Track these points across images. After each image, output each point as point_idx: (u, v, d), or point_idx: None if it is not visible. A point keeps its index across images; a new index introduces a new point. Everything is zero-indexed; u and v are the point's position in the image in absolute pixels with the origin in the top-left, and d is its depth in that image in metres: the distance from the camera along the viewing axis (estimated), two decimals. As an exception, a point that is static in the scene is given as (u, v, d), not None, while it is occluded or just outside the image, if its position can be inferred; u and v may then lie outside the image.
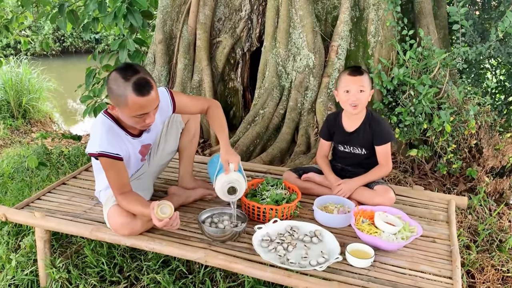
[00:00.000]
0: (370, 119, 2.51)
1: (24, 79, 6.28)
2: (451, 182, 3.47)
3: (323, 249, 2.00)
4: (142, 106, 1.92)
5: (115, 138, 2.06)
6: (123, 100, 1.91)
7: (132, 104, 1.90)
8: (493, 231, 2.81)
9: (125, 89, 1.89)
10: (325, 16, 3.97)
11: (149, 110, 1.97)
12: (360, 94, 2.41)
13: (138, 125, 2.04)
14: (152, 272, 2.33)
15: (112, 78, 1.94)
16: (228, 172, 2.16)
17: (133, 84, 1.89)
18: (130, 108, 1.92)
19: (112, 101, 1.98)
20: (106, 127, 2.05)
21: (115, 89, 1.92)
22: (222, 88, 4.43)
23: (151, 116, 2.00)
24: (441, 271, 1.92)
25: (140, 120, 1.99)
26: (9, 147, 5.05)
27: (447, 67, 3.47)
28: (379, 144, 2.48)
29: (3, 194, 3.30)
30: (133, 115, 1.95)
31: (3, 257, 2.46)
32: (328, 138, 2.68)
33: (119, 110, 1.97)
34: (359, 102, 2.43)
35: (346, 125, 2.57)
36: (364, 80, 2.42)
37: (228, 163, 2.17)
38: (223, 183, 2.16)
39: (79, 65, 10.72)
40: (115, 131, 2.09)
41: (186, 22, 4.22)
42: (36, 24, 11.12)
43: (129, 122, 2.03)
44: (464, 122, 3.34)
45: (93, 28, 4.23)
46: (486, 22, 4.25)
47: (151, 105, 1.96)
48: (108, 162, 2.01)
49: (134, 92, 1.89)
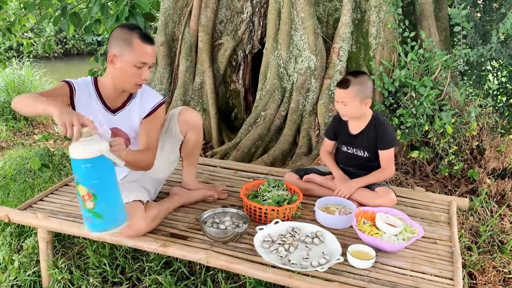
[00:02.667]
0: (375, 123, 2.51)
1: (27, 81, 6.29)
2: (453, 184, 3.47)
3: (324, 250, 2.00)
4: (145, 53, 2.02)
5: (84, 87, 2.14)
6: (129, 46, 2.00)
7: (137, 49, 2.00)
8: (494, 232, 2.81)
9: (131, 36, 2.01)
10: (327, 18, 3.98)
11: (149, 61, 2.06)
12: (344, 106, 2.43)
13: (134, 80, 2.07)
14: (154, 273, 2.33)
15: (116, 30, 2.05)
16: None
17: (138, 33, 2.02)
18: (134, 54, 2.00)
19: (115, 50, 2.02)
20: (84, 79, 2.17)
21: (120, 36, 2.01)
22: (223, 90, 4.44)
23: (147, 71, 2.08)
24: (442, 272, 1.92)
25: (138, 73, 2.05)
26: (11, 149, 5.06)
27: (448, 69, 3.47)
28: (383, 149, 2.48)
29: (5, 196, 3.31)
30: (135, 62, 2.01)
31: (6, 258, 2.47)
32: (333, 138, 2.70)
33: (121, 60, 2.02)
34: (344, 113, 2.47)
35: (351, 127, 2.58)
36: (346, 94, 2.39)
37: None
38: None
39: (81, 67, 10.74)
40: (88, 87, 2.15)
41: (188, 24, 4.24)
42: (38, 26, 11.15)
43: (126, 77, 2.06)
44: (465, 124, 3.35)
45: (95, 30, 4.25)
46: (488, 24, 4.25)
47: (152, 56, 2.06)
48: (60, 84, 2.12)
49: (139, 38, 2.01)
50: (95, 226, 1.74)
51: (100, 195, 1.68)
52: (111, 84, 2.13)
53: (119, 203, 1.78)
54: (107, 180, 1.71)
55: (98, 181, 1.67)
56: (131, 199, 2.13)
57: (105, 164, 1.68)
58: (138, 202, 2.14)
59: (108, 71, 2.11)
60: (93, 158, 1.63)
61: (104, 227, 1.74)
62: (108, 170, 1.70)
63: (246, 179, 2.87)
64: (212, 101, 4.17)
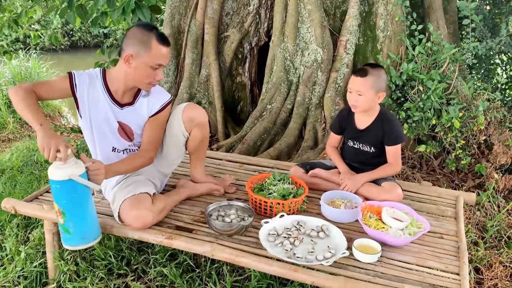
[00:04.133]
0: (382, 118, 2.48)
1: (33, 73, 6.31)
2: (460, 178, 3.45)
3: (329, 244, 2.00)
4: (162, 55, 2.05)
5: (90, 79, 2.14)
6: (146, 47, 2.01)
7: (155, 51, 2.02)
8: (501, 227, 2.80)
9: (149, 37, 2.01)
10: (334, 10, 3.95)
11: (165, 62, 2.09)
12: (358, 97, 2.38)
13: (148, 80, 2.09)
14: (159, 265, 2.34)
15: (133, 30, 2.05)
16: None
17: (156, 34, 2.03)
18: (151, 55, 2.02)
19: (131, 50, 2.02)
20: (91, 71, 2.17)
21: (138, 37, 2.02)
22: (229, 83, 4.43)
23: (161, 72, 2.11)
24: (449, 267, 1.91)
25: (153, 73, 2.07)
26: (18, 141, 5.09)
27: (456, 62, 3.44)
28: (389, 145, 2.46)
29: (12, 187, 3.33)
30: (151, 64, 2.03)
31: (13, 249, 2.49)
32: (339, 132, 2.67)
33: (137, 59, 2.03)
34: (358, 105, 2.41)
35: (358, 122, 2.55)
36: (363, 83, 2.35)
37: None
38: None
39: (87, 59, 10.75)
40: (95, 80, 2.15)
41: (194, 17, 4.22)
42: (45, 19, 11.17)
43: (140, 76, 2.07)
44: (473, 118, 3.32)
45: (101, 22, 4.25)
46: (497, 17, 4.20)
47: (167, 58, 2.10)
48: (63, 76, 2.12)
49: (157, 40, 2.03)
50: (65, 240, 1.96)
51: (68, 214, 1.87)
52: (123, 80, 2.12)
53: (87, 222, 1.95)
54: (75, 201, 1.86)
55: (66, 201, 1.85)
56: (138, 192, 2.13)
57: (74, 187, 1.83)
58: (146, 194, 2.15)
59: (121, 68, 2.09)
60: (62, 181, 1.79)
61: (72, 242, 1.95)
62: (77, 192, 1.85)
63: (252, 172, 2.87)
64: (218, 94, 4.16)
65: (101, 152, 2.27)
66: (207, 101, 4.23)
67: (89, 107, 2.16)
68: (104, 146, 2.25)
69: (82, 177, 1.84)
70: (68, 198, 1.85)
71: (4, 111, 5.58)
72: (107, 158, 2.26)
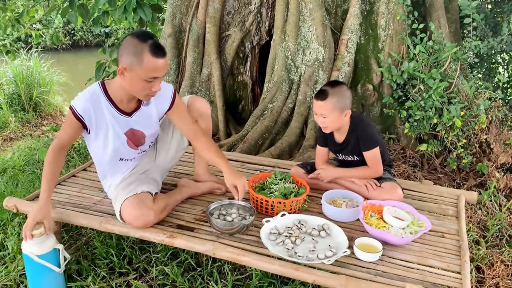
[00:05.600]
0: (354, 128, 2.44)
1: (35, 73, 6.31)
2: (461, 177, 3.44)
3: (331, 242, 2.00)
4: (156, 68, 1.95)
5: (93, 104, 2.08)
6: (138, 60, 1.92)
7: (147, 64, 1.93)
8: (503, 226, 2.80)
9: (142, 49, 1.92)
10: (335, 9, 3.94)
11: (160, 75, 1.99)
12: (324, 119, 2.35)
13: (144, 92, 2.03)
14: (161, 264, 2.35)
15: (127, 40, 1.97)
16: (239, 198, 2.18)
17: (150, 45, 1.93)
18: (144, 69, 1.93)
19: (124, 64, 1.96)
20: (91, 93, 2.09)
21: (131, 49, 1.94)
22: (231, 82, 4.43)
23: (158, 84, 2.02)
24: (450, 266, 1.91)
25: (149, 85, 1.99)
26: (20, 140, 5.10)
27: (458, 61, 3.43)
28: (365, 150, 2.42)
29: (14, 186, 3.34)
30: (144, 77, 1.95)
31: (14, 248, 2.49)
32: (325, 145, 2.63)
33: (130, 73, 1.96)
34: (325, 126, 2.38)
35: (336, 135, 2.53)
36: (324, 107, 2.31)
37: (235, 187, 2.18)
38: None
39: (89, 58, 10.77)
40: (98, 99, 2.10)
41: (196, 16, 4.22)
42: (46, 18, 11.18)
43: (136, 88, 2.02)
44: (474, 117, 3.31)
45: (103, 21, 4.25)
46: (498, 16, 4.20)
47: (163, 70, 1.99)
48: (70, 116, 2.07)
49: (150, 52, 1.92)
50: None
51: (28, 280, 2.13)
52: (123, 91, 2.09)
53: None
54: (31, 274, 2.09)
55: (26, 271, 2.13)
56: (140, 191, 2.14)
57: (32, 262, 2.02)
58: (147, 193, 2.15)
59: (119, 80, 2.05)
60: (24, 255, 2.03)
61: None
62: (34, 267, 2.05)
63: (253, 171, 2.87)
64: (219, 93, 4.17)
65: (108, 162, 2.26)
66: (209, 100, 4.23)
67: (97, 127, 2.13)
68: (112, 158, 2.25)
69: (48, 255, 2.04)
70: (28, 269, 2.10)
71: (6, 110, 5.59)
72: (114, 167, 2.28)
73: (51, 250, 2.04)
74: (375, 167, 2.44)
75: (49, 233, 2.02)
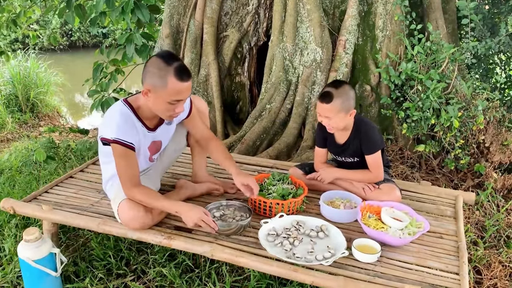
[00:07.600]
0: (358, 130, 2.42)
1: (32, 73, 6.30)
2: (459, 178, 3.45)
3: (329, 244, 1.99)
4: (180, 92, 1.95)
5: (131, 128, 2.06)
6: (163, 83, 1.92)
7: (172, 88, 1.92)
8: (500, 227, 2.80)
9: (166, 73, 1.91)
10: (333, 10, 3.95)
11: (184, 98, 1.99)
12: (327, 120, 2.34)
13: (168, 113, 2.04)
14: (159, 265, 2.34)
15: (152, 61, 1.96)
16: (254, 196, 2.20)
17: (174, 68, 1.92)
18: (168, 92, 1.93)
19: (149, 85, 1.96)
20: (124, 115, 2.06)
21: (155, 72, 1.93)
22: (228, 83, 4.42)
23: (181, 106, 2.02)
24: (448, 267, 1.91)
25: (172, 107, 1.99)
26: (17, 141, 5.08)
27: (455, 62, 3.44)
28: (367, 154, 2.40)
29: (11, 187, 3.33)
30: (168, 100, 1.95)
31: (11, 250, 2.48)
32: (324, 146, 2.61)
33: (154, 95, 1.96)
34: (330, 127, 2.37)
35: (338, 137, 2.51)
36: (329, 109, 2.28)
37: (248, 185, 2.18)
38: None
39: (86, 59, 10.77)
40: (132, 121, 2.08)
41: (193, 16, 4.22)
42: (44, 19, 11.16)
43: (159, 109, 2.02)
44: (472, 118, 3.32)
45: (100, 22, 4.24)
46: (496, 17, 4.20)
47: (187, 93, 1.99)
48: (121, 150, 2.01)
49: (175, 76, 1.92)
50: None
51: (25, 283, 2.14)
52: (149, 110, 2.09)
53: None
54: (28, 278, 2.09)
55: (23, 275, 2.13)
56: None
57: (29, 267, 2.03)
58: None
59: (143, 99, 2.05)
60: (21, 259, 2.05)
61: None
62: (31, 272, 2.06)
63: (251, 172, 2.86)
64: (217, 93, 4.16)
65: None
66: (206, 100, 4.22)
67: (134, 142, 2.11)
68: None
69: (44, 260, 2.05)
70: (23, 271, 2.10)
71: (3, 111, 5.57)
72: None
73: (47, 255, 2.04)
74: (377, 171, 2.42)
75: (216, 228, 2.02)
